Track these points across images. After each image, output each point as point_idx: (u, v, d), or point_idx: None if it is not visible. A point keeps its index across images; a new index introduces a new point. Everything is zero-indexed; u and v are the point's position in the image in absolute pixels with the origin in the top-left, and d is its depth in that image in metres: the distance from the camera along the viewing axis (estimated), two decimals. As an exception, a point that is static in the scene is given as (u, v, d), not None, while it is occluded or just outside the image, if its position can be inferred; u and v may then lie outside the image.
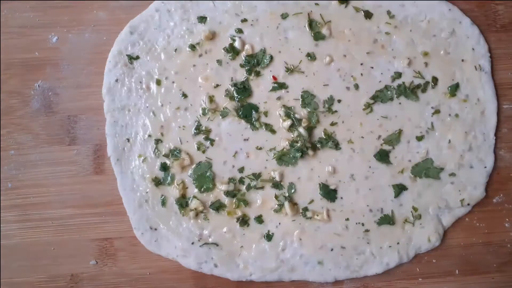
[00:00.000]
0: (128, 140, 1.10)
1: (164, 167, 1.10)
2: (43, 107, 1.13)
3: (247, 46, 1.12)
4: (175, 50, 1.12)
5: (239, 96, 1.10)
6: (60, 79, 1.13)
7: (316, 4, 1.13)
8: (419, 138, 1.11)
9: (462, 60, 1.13)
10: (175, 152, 1.10)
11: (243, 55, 1.12)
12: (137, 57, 1.12)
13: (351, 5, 1.14)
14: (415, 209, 1.10)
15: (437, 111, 1.12)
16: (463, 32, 1.13)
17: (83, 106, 1.13)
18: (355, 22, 1.13)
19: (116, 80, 1.11)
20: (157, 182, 1.10)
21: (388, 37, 1.13)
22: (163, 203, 1.09)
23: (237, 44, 1.11)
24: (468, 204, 1.11)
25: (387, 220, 1.09)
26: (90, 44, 1.13)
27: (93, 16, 1.14)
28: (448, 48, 1.13)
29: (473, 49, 1.13)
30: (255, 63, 1.11)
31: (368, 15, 1.13)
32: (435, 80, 1.12)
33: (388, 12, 1.14)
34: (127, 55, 1.11)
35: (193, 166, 1.10)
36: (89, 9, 1.14)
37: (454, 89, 1.12)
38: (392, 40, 1.12)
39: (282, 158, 1.09)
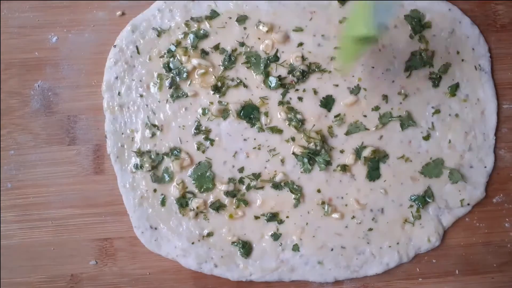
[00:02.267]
0: (128, 138, 1.10)
1: (164, 166, 1.10)
2: (43, 107, 1.12)
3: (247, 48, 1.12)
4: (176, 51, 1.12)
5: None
6: (60, 79, 1.13)
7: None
8: (422, 138, 1.11)
9: (462, 60, 1.13)
10: (175, 152, 1.10)
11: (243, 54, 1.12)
12: (139, 53, 1.12)
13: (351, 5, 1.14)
14: (417, 210, 1.10)
15: (437, 111, 1.12)
16: (463, 32, 1.13)
17: (83, 106, 1.12)
18: (355, 22, 1.13)
19: (116, 78, 1.11)
20: (157, 181, 1.10)
21: (388, 36, 1.13)
22: (163, 202, 1.09)
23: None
24: (468, 204, 1.11)
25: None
26: (90, 44, 1.13)
27: (92, 16, 1.14)
28: (448, 48, 1.13)
29: (473, 49, 1.13)
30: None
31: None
32: (435, 80, 1.13)
33: (388, 12, 1.14)
34: (136, 46, 1.11)
35: (193, 166, 1.10)
36: (88, 9, 1.14)
37: (454, 89, 1.12)
38: (392, 39, 1.12)
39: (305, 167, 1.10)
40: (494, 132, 1.13)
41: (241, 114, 1.10)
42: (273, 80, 1.11)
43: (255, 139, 1.10)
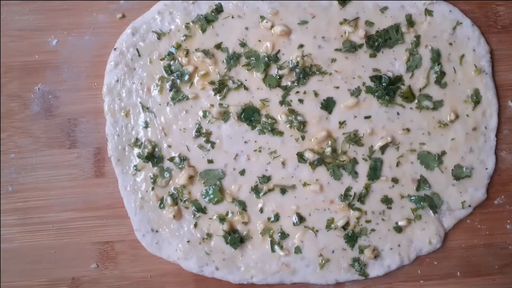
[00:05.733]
0: (129, 140, 1.10)
1: (165, 170, 1.10)
2: (43, 110, 1.12)
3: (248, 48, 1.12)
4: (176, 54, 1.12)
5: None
6: (60, 82, 1.13)
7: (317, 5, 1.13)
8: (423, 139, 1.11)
9: (463, 60, 1.13)
10: (176, 159, 1.10)
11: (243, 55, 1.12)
12: (140, 56, 1.11)
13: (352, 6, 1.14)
14: (415, 210, 1.10)
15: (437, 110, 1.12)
16: (463, 33, 1.13)
17: (83, 109, 1.12)
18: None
19: (117, 81, 1.11)
20: (158, 184, 1.09)
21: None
22: (163, 206, 1.09)
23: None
24: (469, 206, 1.11)
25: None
26: (90, 47, 1.13)
27: (92, 18, 1.13)
28: (449, 49, 1.13)
29: (474, 50, 1.13)
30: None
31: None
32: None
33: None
34: (136, 49, 1.11)
35: (203, 179, 1.10)
36: (88, 11, 1.14)
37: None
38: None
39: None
40: (495, 133, 1.13)
41: (242, 116, 1.10)
42: (273, 78, 1.10)
43: (256, 141, 1.10)
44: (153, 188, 1.09)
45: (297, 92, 1.11)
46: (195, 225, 1.09)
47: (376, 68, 1.11)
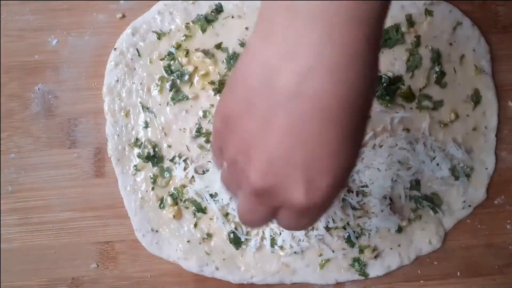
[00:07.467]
0: (129, 140, 1.10)
1: (165, 170, 1.09)
2: (43, 110, 1.12)
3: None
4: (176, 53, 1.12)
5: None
6: (60, 82, 1.12)
7: (317, 6, 1.13)
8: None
9: (463, 60, 1.13)
10: (176, 158, 1.09)
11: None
12: (140, 56, 1.11)
13: (352, 6, 1.14)
14: (415, 210, 1.10)
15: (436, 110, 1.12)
16: (463, 33, 1.13)
17: (83, 109, 1.12)
18: (356, 24, 1.13)
19: (117, 81, 1.11)
20: (158, 184, 1.09)
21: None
22: (163, 206, 1.09)
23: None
24: (469, 206, 1.11)
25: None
26: (90, 47, 1.13)
27: (93, 18, 1.13)
28: (449, 49, 1.13)
29: (473, 50, 1.13)
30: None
31: (369, 16, 1.13)
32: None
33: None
34: (136, 49, 1.11)
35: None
36: (89, 11, 1.13)
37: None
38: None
39: None
40: (495, 133, 1.12)
41: (242, 116, 1.10)
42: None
43: (256, 141, 1.10)
44: (153, 188, 1.09)
45: (297, 92, 1.11)
46: (195, 225, 1.09)
47: (376, 68, 1.12)
